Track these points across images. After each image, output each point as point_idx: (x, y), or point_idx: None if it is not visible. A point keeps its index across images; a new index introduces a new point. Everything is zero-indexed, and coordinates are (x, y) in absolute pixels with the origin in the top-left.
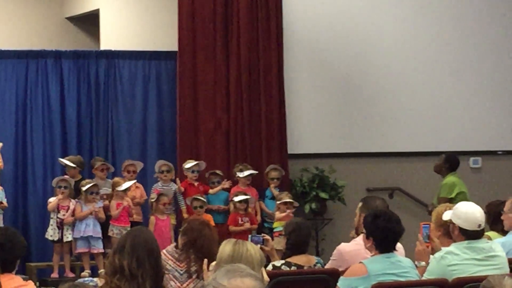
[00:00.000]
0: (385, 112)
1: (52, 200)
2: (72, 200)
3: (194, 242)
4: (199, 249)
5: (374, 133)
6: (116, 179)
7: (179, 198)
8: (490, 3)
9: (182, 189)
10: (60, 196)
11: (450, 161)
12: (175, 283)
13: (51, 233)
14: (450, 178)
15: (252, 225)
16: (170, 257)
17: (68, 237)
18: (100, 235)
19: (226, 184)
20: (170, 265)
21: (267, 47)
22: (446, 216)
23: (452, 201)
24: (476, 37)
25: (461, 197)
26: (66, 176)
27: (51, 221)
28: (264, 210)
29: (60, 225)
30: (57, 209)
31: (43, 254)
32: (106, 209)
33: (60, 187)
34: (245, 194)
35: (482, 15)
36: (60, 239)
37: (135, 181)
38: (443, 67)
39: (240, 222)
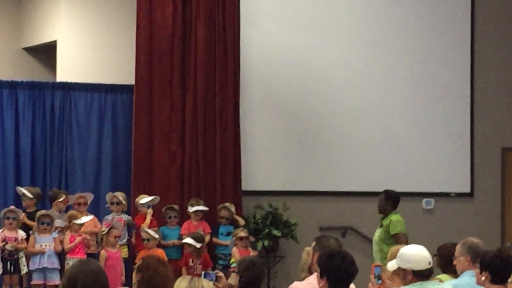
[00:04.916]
0: (339, 152)
1: None
2: (19, 231)
3: (150, 280)
4: (155, 287)
5: (328, 172)
6: (73, 212)
7: (133, 230)
8: (444, 45)
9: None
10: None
11: (391, 198)
12: None
13: None
14: (396, 216)
15: (206, 267)
16: None
17: (23, 269)
18: (56, 265)
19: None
20: None
21: (223, 83)
22: (391, 266)
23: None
24: (430, 79)
25: None
26: (13, 207)
27: None
28: (218, 243)
29: (8, 257)
30: (4, 241)
31: None
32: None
33: (8, 218)
34: (198, 239)
35: (437, 57)
36: (8, 271)
37: (93, 216)
38: (397, 108)
39: (191, 263)
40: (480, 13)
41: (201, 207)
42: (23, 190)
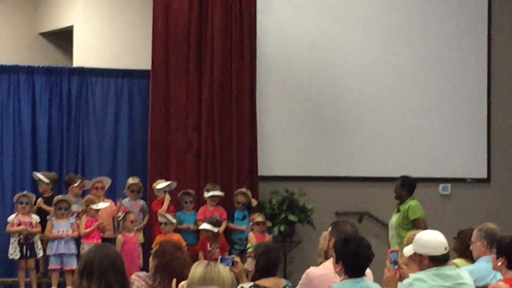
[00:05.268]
0: (356, 137)
1: (11, 219)
2: (33, 215)
3: (166, 265)
4: (171, 272)
5: (344, 157)
6: (91, 196)
7: (146, 215)
8: (460, 30)
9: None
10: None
11: (407, 184)
12: None
13: (12, 252)
14: (414, 202)
15: (223, 251)
16: (143, 283)
17: (39, 253)
18: (73, 250)
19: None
20: None
21: (240, 68)
22: (408, 251)
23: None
24: (447, 64)
25: None
26: (26, 192)
27: (12, 240)
28: (234, 228)
29: (24, 241)
30: (19, 225)
31: (11, 270)
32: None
33: (21, 202)
34: (214, 222)
35: (454, 42)
36: (24, 256)
37: (110, 202)
38: (414, 93)
39: (209, 248)
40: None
41: (217, 192)
42: (39, 175)
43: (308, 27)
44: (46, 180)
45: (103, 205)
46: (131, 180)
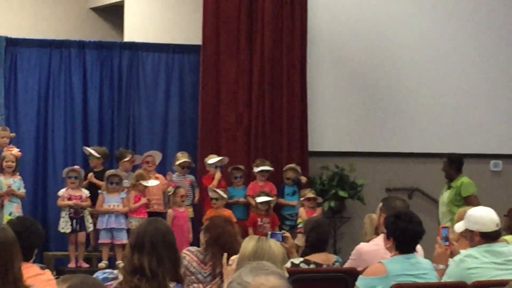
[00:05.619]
0: (407, 113)
1: (61, 193)
2: (83, 190)
3: (217, 239)
4: (222, 246)
5: (395, 133)
6: (141, 172)
7: (196, 190)
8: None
9: None
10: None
11: (454, 162)
12: (198, 286)
13: (63, 226)
14: (466, 178)
15: (274, 226)
16: (195, 258)
17: (89, 227)
18: (124, 225)
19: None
20: (194, 267)
21: (290, 44)
22: (459, 228)
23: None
24: (499, 38)
25: None
26: (76, 166)
27: (62, 213)
28: (285, 203)
29: (74, 215)
30: (69, 200)
31: (62, 243)
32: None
33: (70, 177)
34: (268, 195)
35: (506, 16)
36: (74, 229)
37: (159, 181)
38: (465, 69)
39: (259, 223)
40: None
41: (266, 167)
42: (90, 149)
43: (360, 2)
44: (97, 154)
45: (153, 182)
46: (180, 156)
